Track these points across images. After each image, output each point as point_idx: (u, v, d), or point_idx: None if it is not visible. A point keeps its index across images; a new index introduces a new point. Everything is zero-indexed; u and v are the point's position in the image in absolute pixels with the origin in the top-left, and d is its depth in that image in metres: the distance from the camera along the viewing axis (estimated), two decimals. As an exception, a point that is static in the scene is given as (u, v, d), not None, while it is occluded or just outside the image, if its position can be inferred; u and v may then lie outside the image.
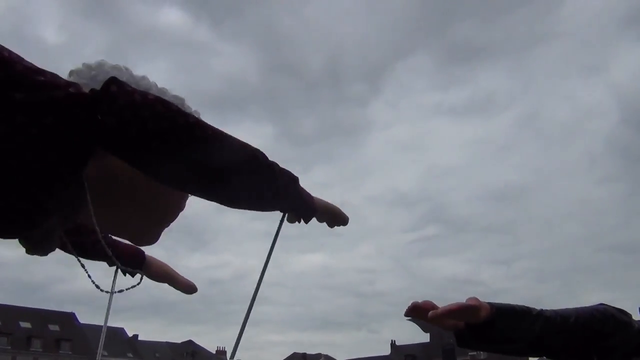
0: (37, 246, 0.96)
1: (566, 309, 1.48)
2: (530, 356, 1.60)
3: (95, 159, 0.81)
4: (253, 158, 0.89)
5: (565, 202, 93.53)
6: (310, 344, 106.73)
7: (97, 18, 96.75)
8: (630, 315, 1.50)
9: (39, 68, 0.76)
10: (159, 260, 1.35)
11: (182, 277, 1.37)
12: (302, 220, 1.04)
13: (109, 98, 0.75)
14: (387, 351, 64.66)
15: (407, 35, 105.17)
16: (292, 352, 65.97)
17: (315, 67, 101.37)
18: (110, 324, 1.37)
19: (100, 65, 0.94)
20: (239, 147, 0.87)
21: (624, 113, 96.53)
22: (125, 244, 1.17)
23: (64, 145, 0.75)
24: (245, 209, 0.94)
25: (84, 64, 0.94)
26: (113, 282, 1.20)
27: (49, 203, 0.82)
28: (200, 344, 60.38)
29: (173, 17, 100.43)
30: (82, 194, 0.83)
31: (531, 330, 1.41)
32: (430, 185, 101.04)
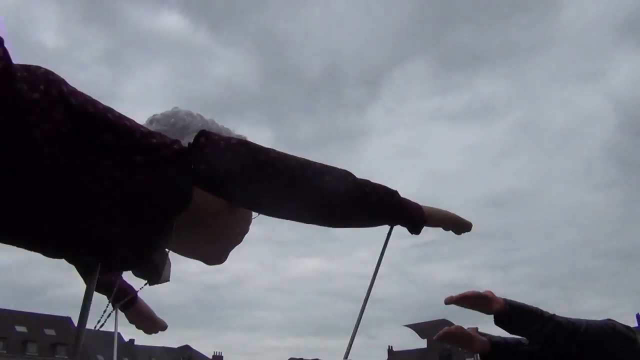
0: (149, 276, 1.14)
1: (578, 319, 1.56)
2: None
3: None
4: (341, 180, 0.97)
5: (562, 208, 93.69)
6: (307, 350, 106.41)
7: (96, 22, 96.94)
8: (636, 333, 1.61)
9: (150, 131, 0.94)
10: (144, 303, 1.55)
11: (158, 318, 1.59)
12: (413, 232, 1.11)
13: (199, 148, 0.91)
14: (384, 357, 64.54)
15: (405, 41, 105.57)
16: (289, 358, 65.73)
17: (313, 72, 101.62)
18: (106, 328, 1.38)
19: (175, 114, 1.15)
20: (325, 171, 0.97)
21: (621, 120, 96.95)
22: (124, 282, 1.36)
23: (173, 191, 0.93)
24: (343, 227, 1.06)
25: (162, 114, 1.14)
26: (114, 320, 1.42)
27: (160, 240, 1.00)
28: (196, 349, 60.16)
29: (172, 22, 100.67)
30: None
31: (542, 332, 1.49)
32: (428, 191, 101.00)
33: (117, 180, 0.86)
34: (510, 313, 1.51)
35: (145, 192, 0.89)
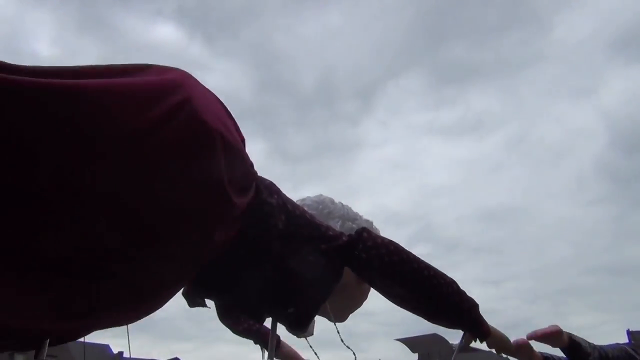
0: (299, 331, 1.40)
1: (602, 345, 1.88)
2: None
3: None
4: (450, 286, 1.26)
5: (554, 224, 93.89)
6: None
7: (91, 32, 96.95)
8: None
9: (327, 225, 1.27)
10: (288, 345, 1.87)
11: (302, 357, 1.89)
12: (477, 340, 1.34)
13: (362, 241, 1.23)
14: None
15: (398, 55, 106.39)
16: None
17: (307, 85, 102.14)
18: (96, 340, 1.38)
19: (322, 201, 1.51)
20: (440, 276, 1.25)
21: (613, 136, 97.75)
22: (266, 329, 1.64)
23: (338, 269, 1.23)
24: (437, 324, 1.31)
25: (311, 200, 1.51)
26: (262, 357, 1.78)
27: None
28: (186, 362, 59.71)
29: (167, 33, 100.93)
30: None
31: None
32: (420, 205, 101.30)
33: (309, 262, 1.18)
34: (576, 346, 1.83)
35: (322, 271, 1.21)
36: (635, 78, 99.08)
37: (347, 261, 1.23)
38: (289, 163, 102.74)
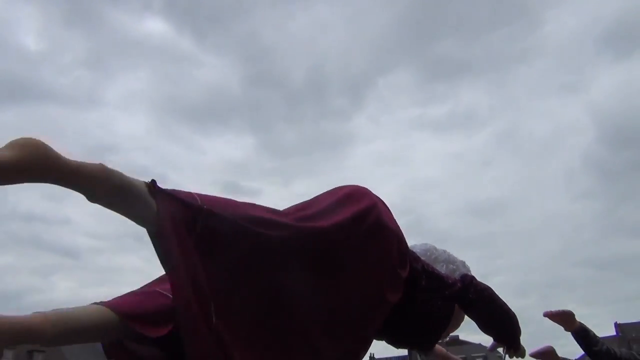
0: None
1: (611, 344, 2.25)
2: None
3: None
4: (515, 319, 1.78)
5: (542, 217, 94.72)
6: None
7: (78, 26, 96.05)
8: None
9: (447, 275, 1.76)
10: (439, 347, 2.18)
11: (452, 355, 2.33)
12: (512, 354, 1.85)
13: (473, 285, 1.71)
14: None
15: (389, 50, 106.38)
16: None
17: (298, 80, 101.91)
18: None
19: (429, 249, 1.90)
20: (512, 313, 1.77)
21: (601, 131, 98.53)
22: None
23: (453, 307, 1.71)
24: (499, 340, 1.83)
25: (418, 247, 1.90)
26: None
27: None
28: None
29: (156, 27, 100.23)
30: None
31: (600, 352, 2.16)
32: (410, 199, 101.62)
33: (439, 306, 1.67)
34: (585, 333, 2.20)
35: (446, 310, 1.70)
36: (623, 73, 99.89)
37: (460, 301, 1.72)
38: (279, 158, 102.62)
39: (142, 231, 1.08)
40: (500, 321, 1.76)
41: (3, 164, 0.92)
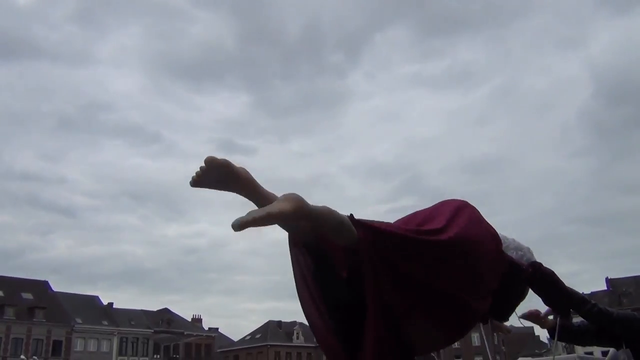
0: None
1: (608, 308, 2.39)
2: (597, 345, 2.67)
3: None
4: (568, 293, 2.29)
5: (538, 174, 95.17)
6: (285, 312, 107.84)
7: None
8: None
9: (522, 262, 2.18)
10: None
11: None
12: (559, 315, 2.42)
13: (541, 270, 2.19)
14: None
15: (386, 5, 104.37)
16: (267, 320, 66.74)
17: (293, 35, 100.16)
18: (85, 292, 1.40)
19: (502, 238, 2.11)
20: (565, 287, 2.27)
21: (598, 86, 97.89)
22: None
23: (525, 286, 2.21)
24: (554, 310, 2.43)
25: (505, 244, 2.18)
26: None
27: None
28: (175, 312, 60.67)
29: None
30: None
31: (588, 315, 2.33)
32: (407, 156, 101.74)
33: (521, 286, 2.18)
34: (560, 327, 2.44)
35: (519, 290, 2.20)
36: (622, 29, 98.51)
37: (530, 282, 2.18)
38: (275, 116, 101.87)
39: (139, 190, 1.11)
40: (557, 299, 2.26)
41: (284, 213, 1.44)
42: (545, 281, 2.18)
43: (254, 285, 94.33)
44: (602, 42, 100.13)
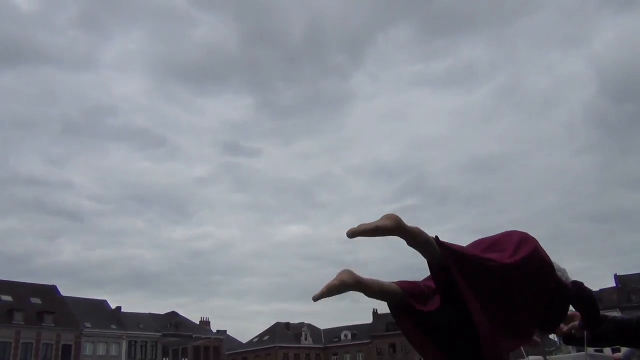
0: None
1: (623, 316, 2.75)
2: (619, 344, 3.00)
3: None
4: (598, 310, 2.60)
5: (543, 172, 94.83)
6: (292, 314, 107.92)
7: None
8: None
9: (567, 282, 2.44)
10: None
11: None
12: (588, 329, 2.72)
13: (582, 289, 2.45)
14: (369, 319, 65.79)
15: (388, 5, 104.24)
16: (275, 322, 66.73)
17: (295, 37, 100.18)
18: (93, 296, 1.42)
19: (559, 269, 2.40)
20: (597, 305, 2.58)
21: (603, 84, 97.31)
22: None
23: (568, 302, 2.49)
24: (586, 323, 2.63)
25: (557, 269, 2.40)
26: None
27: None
28: (183, 315, 60.74)
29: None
30: None
31: (607, 332, 2.70)
32: (411, 156, 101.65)
33: (559, 302, 2.39)
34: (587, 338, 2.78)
35: (564, 306, 2.48)
36: (626, 25, 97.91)
37: (572, 300, 2.45)
38: (279, 117, 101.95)
39: (144, 194, 1.12)
40: (593, 314, 2.58)
41: (388, 227, 1.85)
42: (585, 298, 2.50)
43: (260, 287, 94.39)
44: (606, 39, 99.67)
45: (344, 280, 1.89)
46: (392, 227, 1.85)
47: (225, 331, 66.65)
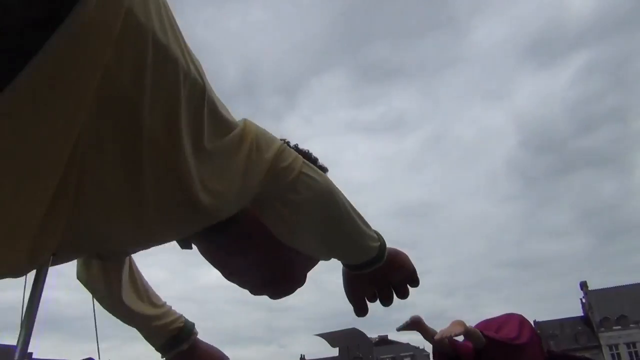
0: None
1: None
2: None
3: None
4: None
5: (468, 220, 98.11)
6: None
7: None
8: None
9: None
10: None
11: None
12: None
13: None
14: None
15: (322, 52, 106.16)
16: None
17: (230, 78, 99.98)
18: (2, 341, 1.30)
19: None
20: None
21: (523, 137, 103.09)
22: None
23: None
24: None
25: None
26: None
27: None
28: (103, 363, 57.01)
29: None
30: None
31: None
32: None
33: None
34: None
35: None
36: (544, 82, 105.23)
37: None
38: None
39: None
40: None
41: (461, 331, 2.95)
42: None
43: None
44: (526, 95, 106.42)
45: (459, 330, 2.92)
46: (462, 331, 2.86)
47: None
